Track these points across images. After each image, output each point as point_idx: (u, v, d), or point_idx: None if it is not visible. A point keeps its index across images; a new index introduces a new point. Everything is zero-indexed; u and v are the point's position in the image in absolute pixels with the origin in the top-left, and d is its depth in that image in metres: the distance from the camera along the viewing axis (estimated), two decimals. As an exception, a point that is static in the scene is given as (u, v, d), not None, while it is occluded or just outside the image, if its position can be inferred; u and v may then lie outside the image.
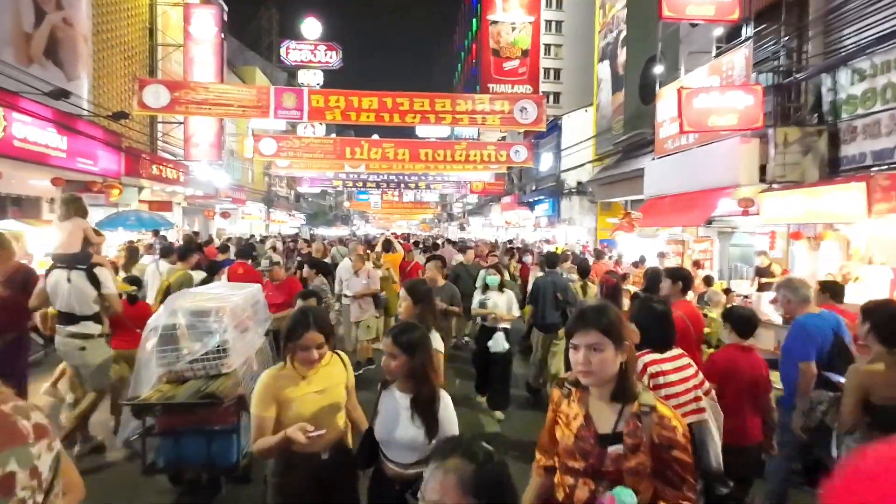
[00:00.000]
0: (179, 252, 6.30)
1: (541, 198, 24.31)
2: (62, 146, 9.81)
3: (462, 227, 40.94)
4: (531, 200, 25.60)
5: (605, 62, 19.50)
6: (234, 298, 3.74)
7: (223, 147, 18.85)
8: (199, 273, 5.92)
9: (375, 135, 25.51)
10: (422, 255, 9.92)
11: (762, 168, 8.35)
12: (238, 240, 14.52)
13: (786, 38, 8.44)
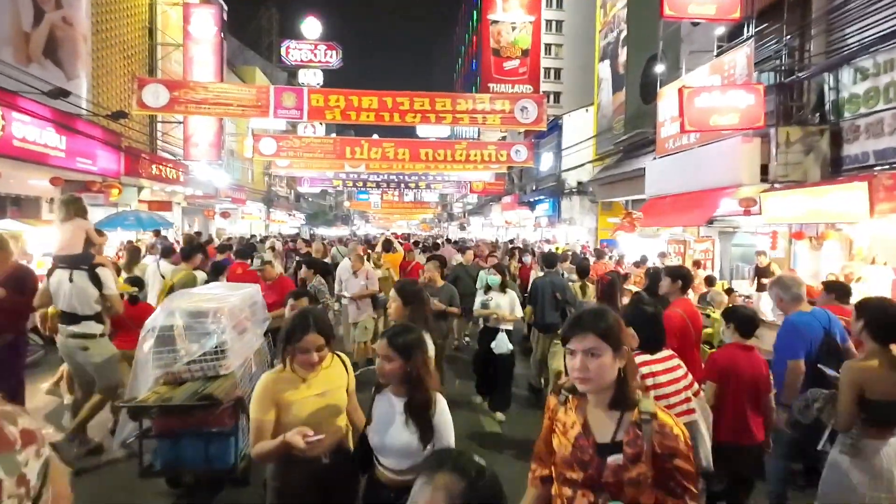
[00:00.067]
0: (183, 252, 6.27)
1: (541, 198, 24.29)
2: (61, 146, 9.79)
3: (462, 227, 40.91)
4: (531, 200, 25.57)
5: (606, 61, 19.46)
6: (232, 299, 3.71)
7: (223, 147, 18.83)
8: (202, 273, 5.89)
9: (375, 134, 25.44)
10: (422, 255, 9.89)
11: (764, 167, 8.33)
12: (240, 239, 14.49)
13: (788, 37, 8.40)
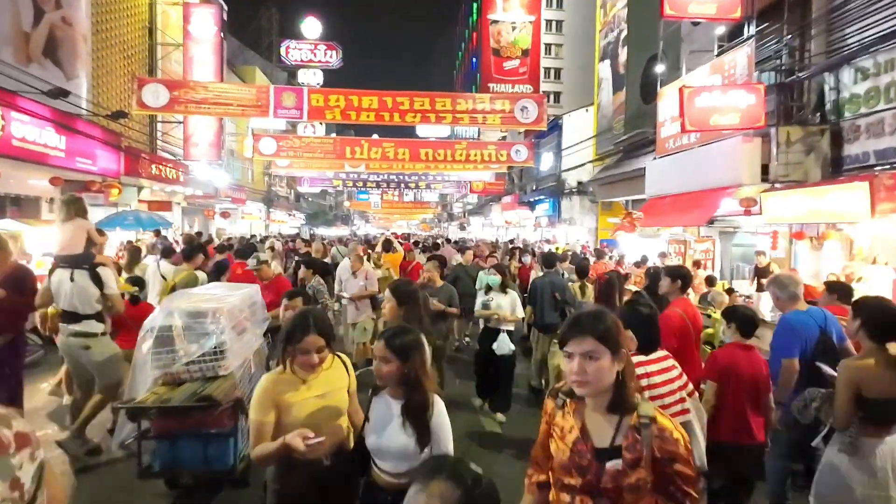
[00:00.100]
0: (184, 253, 6.27)
1: (541, 198, 24.28)
2: (61, 146, 9.79)
3: (462, 227, 40.88)
4: (531, 200, 25.56)
5: (606, 61, 19.45)
6: (231, 299, 3.69)
7: (223, 147, 18.82)
8: (202, 274, 5.89)
9: (375, 134, 25.42)
10: (422, 255, 9.88)
11: (764, 167, 8.31)
12: (240, 239, 14.48)
13: (788, 37, 8.39)
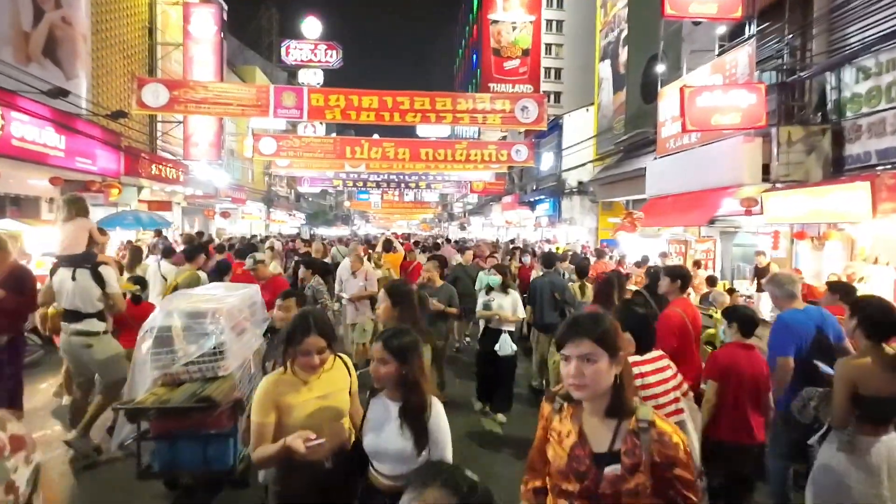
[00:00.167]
0: (186, 253, 6.27)
1: (541, 197, 24.26)
2: (61, 145, 9.77)
3: (462, 227, 40.87)
4: (532, 200, 25.54)
5: (607, 61, 19.43)
6: (231, 300, 3.67)
7: (223, 146, 18.81)
8: (203, 274, 5.89)
9: (376, 134, 25.40)
10: (423, 256, 9.86)
11: (765, 167, 8.30)
12: (241, 239, 14.46)
13: (789, 36, 8.37)
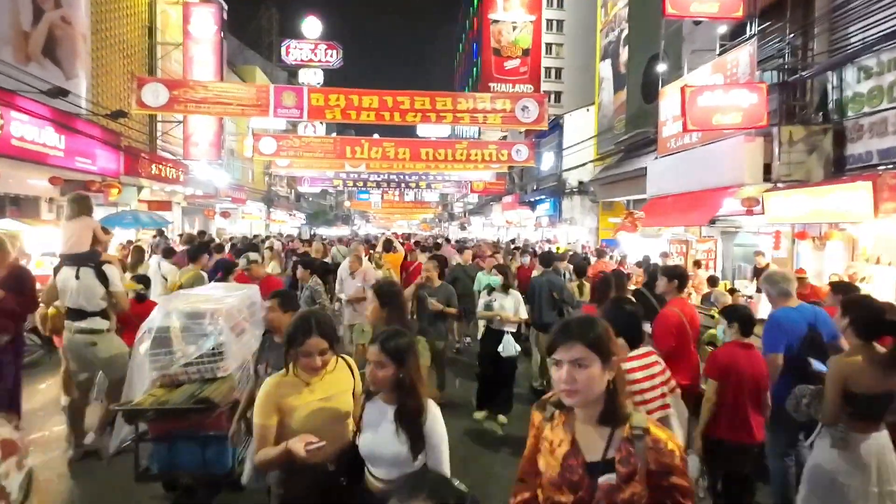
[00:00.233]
0: (189, 253, 6.26)
1: (542, 197, 24.25)
2: (60, 145, 9.76)
3: (463, 227, 40.86)
4: (532, 200, 25.53)
5: (607, 61, 19.42)
6: (230, 300, 3.65)
7: (223, 146, 18.78)
8: (204, 274, 5.88)
9: (376, 134, 25.35)
10: (423, 255, 9.83)
11: (766, 167, 8.28)
12: (243, 239, 14.43)
13: (791, 36, 8.35)
